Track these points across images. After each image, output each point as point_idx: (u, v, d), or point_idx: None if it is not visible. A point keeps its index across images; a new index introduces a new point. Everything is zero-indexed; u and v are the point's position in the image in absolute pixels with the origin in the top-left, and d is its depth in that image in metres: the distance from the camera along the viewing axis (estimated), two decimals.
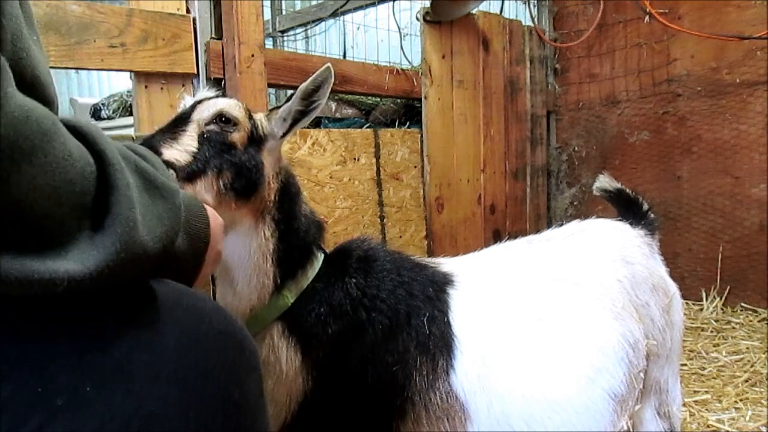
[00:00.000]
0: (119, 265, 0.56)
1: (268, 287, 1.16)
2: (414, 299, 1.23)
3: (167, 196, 0.67)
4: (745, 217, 3.28)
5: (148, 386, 0.57)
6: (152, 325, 0.62)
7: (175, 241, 0.67)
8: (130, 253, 0.57)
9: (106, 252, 0.55)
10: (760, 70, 3.16)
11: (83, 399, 0.54)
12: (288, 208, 1.21)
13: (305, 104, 1.21)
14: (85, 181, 0.55)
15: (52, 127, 0.52)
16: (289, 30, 5.12)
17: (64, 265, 0.52)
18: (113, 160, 0.59)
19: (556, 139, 4.05)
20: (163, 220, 0.64)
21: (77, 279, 0.52)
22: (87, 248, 0.54)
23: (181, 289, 0.69)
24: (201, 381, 0.61)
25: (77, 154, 0.55)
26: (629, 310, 1.32)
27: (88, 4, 1.89)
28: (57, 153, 0.52)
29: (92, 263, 0.53)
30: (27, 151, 0.48)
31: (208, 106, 1.17)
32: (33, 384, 0.53)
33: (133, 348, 0.59)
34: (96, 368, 0.56)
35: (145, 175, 0.65)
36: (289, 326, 1.16)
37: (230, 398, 0.64)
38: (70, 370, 0.55)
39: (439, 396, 1.16)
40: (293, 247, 1.19)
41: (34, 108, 0.50)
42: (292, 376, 1.14)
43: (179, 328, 0.63)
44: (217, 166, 1.10)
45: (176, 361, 0.60)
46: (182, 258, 0.73)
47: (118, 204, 0.57)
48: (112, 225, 0.56)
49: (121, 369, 0.57)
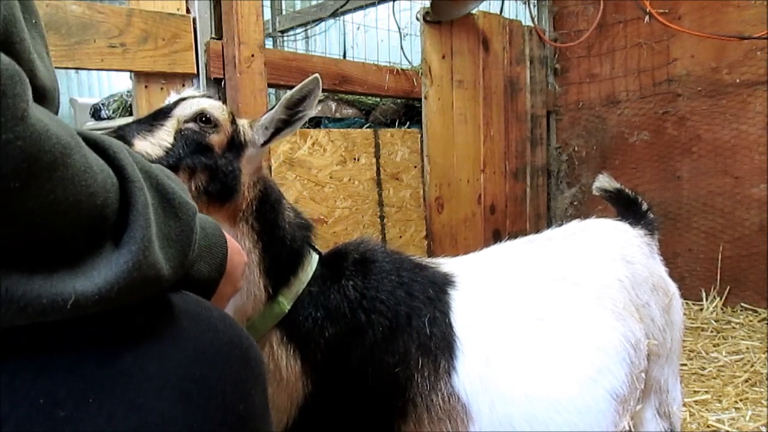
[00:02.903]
0: (130, 285, 0.54)
1: (261, 297, 1.14)
2: (414, 300, 1.22)
3: (183, 217, 0.65)
4: (745, 217, 3.28)
5: (152, 399, 0.56)
6: (158, 336, 0.61)
7: (184, 263, 0.65)
8: (142, 273, 0.56)
9: (118, 270, 0.54)
10: (760, 70, 3.16)
11: (85, 412, 0.53)
12: (269, 219, 1.18)
13: (289, 114, 1.17)
14: (107, 193, 0.54)
15: (72, 141, 0.51)
16: (289, 30, 5.12)
17: (72, 282, 0.51)
18: (133, 176, 0.58)
19: (556, 139, 4.05)
20: (176, 241, 0.63)
21: (86, 296, 0.51)
22: (101, 264, 0.53)
23: (188, 297, 0.68)
24: (206, 394, 0.60)
25: (97, 166, 0.54)
26: (630, 310, 1.32)
27: (88, 4, 1.89)
28: (77, 166, 0.51)
29: (102, 281, 0.52)
30: (47, 165, 0.48)
31: (191, 103, 1.14)
32: (34, 396, 0.52)
33: (137, 359, 0.58)
34: (99, 380, 0.55)
35: (163, 192, 0.64)
36: (287, 333, 1.15)
37: (235, 411, 0.63)
38: (73, 382, 0.54)
39: (440, 397, 1.16)
40: (281, 256, 1.17)
41: (51, 123, 0.50)
42: (293, 381, 1.13)
43: (185, 339, 0.62)
44: (190, 165, 1.07)
45: (181, 373, 0.60)
46: (194, 283, 0.71)
47: (136, 222, 0.56)
48: (128, 243, 0.55)
49: (124, 381, 0.56)
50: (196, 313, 0.66)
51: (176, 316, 0.63)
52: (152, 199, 0.61)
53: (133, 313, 0.60)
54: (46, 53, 0.71)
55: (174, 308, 0.64)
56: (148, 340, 0.60)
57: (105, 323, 0.58)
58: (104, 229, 0.55)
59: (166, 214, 0.63)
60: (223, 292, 0.79)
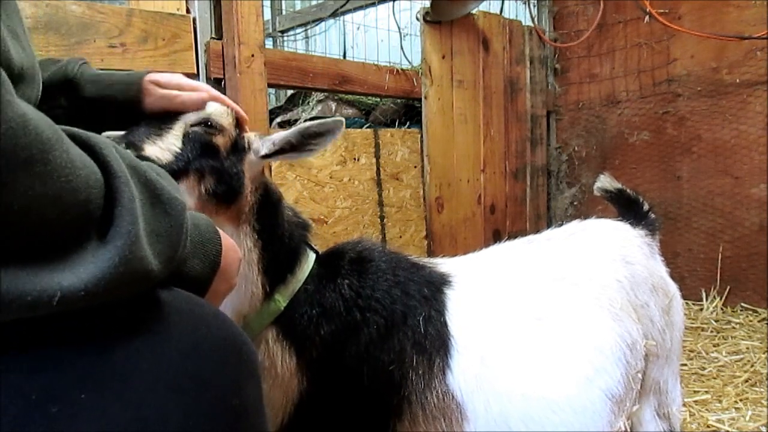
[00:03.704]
0: (117, 279, 0.54)
1: (258, 295, 1.15)
2: (410, 299, 1.23)
3: (172, 213, 0.65)
4: (745, 217, 3.28)
5: (146, 394, 0.56)
6: (151, 332, 0.61)
7: (174, 258, 0.65)
8: (130, 268, 0.55)
9: (104, 265, 0.53)
10: (760, 70, 3.15)
11: (78, 407, 0.53)
12: (269, 220, 1.19)
13: (301, 141, 1.17)
14: (90, 189, 0.54)
15: (53, 136, 0.51)
16: (289, 30, 5.13)
17: (58, 277, 0.51)
18: (118, 171, 0.58)
19: (556, 139, 4.05)
20: (165, 236, 0.63)
21: (72, 291, 0.51)
22: (87, 259, 0.53)
23: (180, 294, 0.68)
24: (200, 389, 0.60)
25: (80, 162, 0.54)
26: (627, 311, 1.32)
27: (88, 4, 1.90)
28: (58, 162, 0.51)
29: (88, 276, 0.52)
30: (24, 160, 0.48)
31: None
32: (27, 391, 0.52)
33: (130, 355, 0.58)
34: (92, 375, 0.55)
35: (152, 188, 0.64)
36: (283, 330, 1.16)
37: (229, 406, 0.63)
38: (66, 378, 0.54)
39: (435, 395, 1.16)
40: (279, 254, 1.18)
41: (33, 117, 0.49)
42: (288, 378, 1.14)
43: (178, 335, 0.62)
44: (199, 168, 1.08)
45: (175, 368, 0.59)
46: (187, 279, 0.71)
47: (121, 217, 0.56)
48: (113, 238, 0.55)
49: (118, 377, 0.56)
50: (189, 309, 0.66)
51: (169, 312, 0.63)
52: (140, 194, 0.61)
53: (126, 309, 0.60)
54: (22, 30, 0.70)
55: (166, 305, 0.64)
56: (141, 335, 0.60)
57: (98, 319, 0.58)
58: (89, 225, 0.55)
59: (155, 210, 0.63)
60: (217, 289, 0.79)
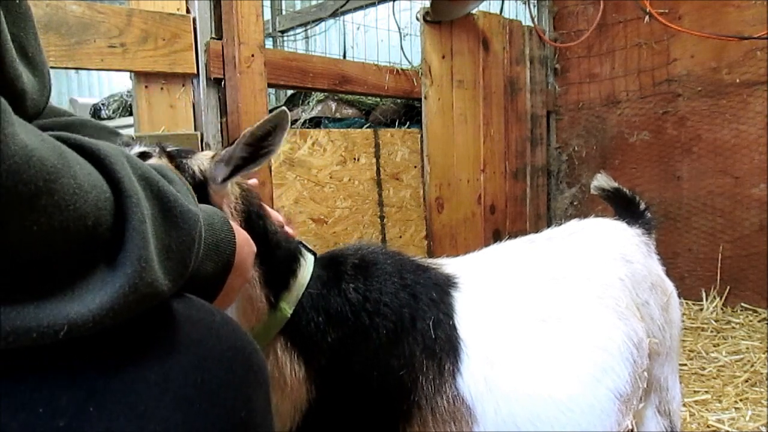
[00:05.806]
0: (125, 306, 0.53)
1: (263, 309, 1.13)
2: (418, 303, 1.21)
3: (184, 227, 0.63)
4: (745, 217, 3.28)
5: (153, 406, 0.55)
6: (158, 342, 0.60)
7: (185, 274, 0.63)
8: (139, 293, 0.54)
9: (114, 293, 0.52)
10: (760, 70, 3.16)
11: (85, 420, 0.52)
12: (259, 231, 1.14)
13: (250, 150, 1.07)
14: (99, 211, 0.52)
15: (58, 162, 0.49)
16: (289, 30, 5.13)
17: (65, 309, 0.49)
18: (130, 190, 0.56)
19: (556, 139, 4.05)
20: (176, 252, 0.61)
21: (79, 323, 0.50)
22: (95, 287, 0.52)
23: (189, 301, 0.67)
24: (208, 401, 0.60)
25: (88, 184, 0.52)
26: (632, 309, 1.32)
27: (88, 4, 1.89)
28: (65, 189, 0.49)
29: (96, 306, 0.51)
30: (28, 195, 0.46)
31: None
32: (34, 405, 0.51)
33: (138, 366, 0.57)
34: (99, 388, 0.54)
35: (165, 200, 0.62)
36: (290, 338, 1.14)
37: (237, 417, 0.62)
38: (72, 391, 0.53)
39: (445, 399, 1.15)
40: (277, 262, 1.15)
41: (37, 147, 0.47)
42: (297, 387, 1.12)
43: (186, 345, 0.61)
44: None
45: (182, 379, 0.59)
46: (202, 280, 0.70)
47: (131, 240, 0.54)
48: (122, 264, 0.53)
49: (124, 389, 0.55)
50: (198, 318, 0.65)
51: (177, 321, 0.62)
52: (152, 209, 0.59)
53: (134, 320, 0.58)
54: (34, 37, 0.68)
55: (175, 313, 0.63)
56: (149, 346, 0.59)
57: (106, 330, 0.56)
58: (97, 249, 0.53)
59: (167, 224, 0.61)
60: (232, 285, 0.78)
